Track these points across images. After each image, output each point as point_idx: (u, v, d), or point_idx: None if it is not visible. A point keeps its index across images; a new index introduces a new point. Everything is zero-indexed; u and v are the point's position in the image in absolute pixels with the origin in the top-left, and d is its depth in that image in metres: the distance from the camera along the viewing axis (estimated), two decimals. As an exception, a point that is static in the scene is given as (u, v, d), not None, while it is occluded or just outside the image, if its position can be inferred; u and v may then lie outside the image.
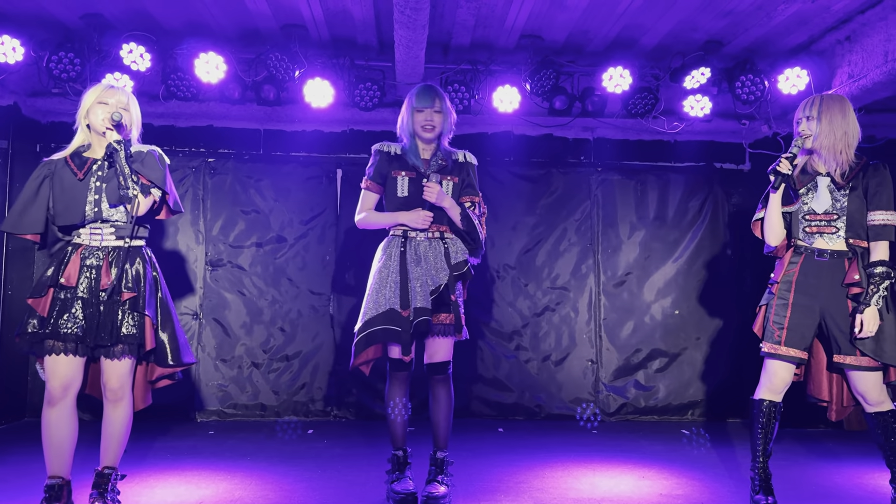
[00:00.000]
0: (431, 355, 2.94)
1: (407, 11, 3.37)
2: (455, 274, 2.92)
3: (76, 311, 2.53)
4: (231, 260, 4.82)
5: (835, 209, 2.74)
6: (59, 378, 2.51)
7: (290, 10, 3.99)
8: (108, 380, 2.58)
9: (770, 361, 2.79)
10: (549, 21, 4.12)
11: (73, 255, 2.58)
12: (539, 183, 5.03)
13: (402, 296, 2.84)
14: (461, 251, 2.97)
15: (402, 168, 2.99)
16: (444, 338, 2.92)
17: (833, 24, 4.08)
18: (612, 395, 4.91)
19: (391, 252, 2.94)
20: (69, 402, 2.54)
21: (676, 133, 4.86)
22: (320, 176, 4.91)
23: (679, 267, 5.00)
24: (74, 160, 2.63)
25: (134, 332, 2.55)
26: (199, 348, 4.73)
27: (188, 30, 4.23)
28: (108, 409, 2.62)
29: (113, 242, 2.61)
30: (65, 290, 2.54)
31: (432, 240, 2.97)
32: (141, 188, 2.58)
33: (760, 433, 2.75)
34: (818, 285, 2.72)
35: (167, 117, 4.71)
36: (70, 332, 2.51)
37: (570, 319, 4.96)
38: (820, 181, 2.79)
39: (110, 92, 2.64)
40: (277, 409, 4.74)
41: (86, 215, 2.58)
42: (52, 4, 3.90)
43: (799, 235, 2.78)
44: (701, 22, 4.07)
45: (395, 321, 2.81)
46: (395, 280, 2.87)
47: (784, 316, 2.75)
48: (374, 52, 4.54)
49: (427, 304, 2.81)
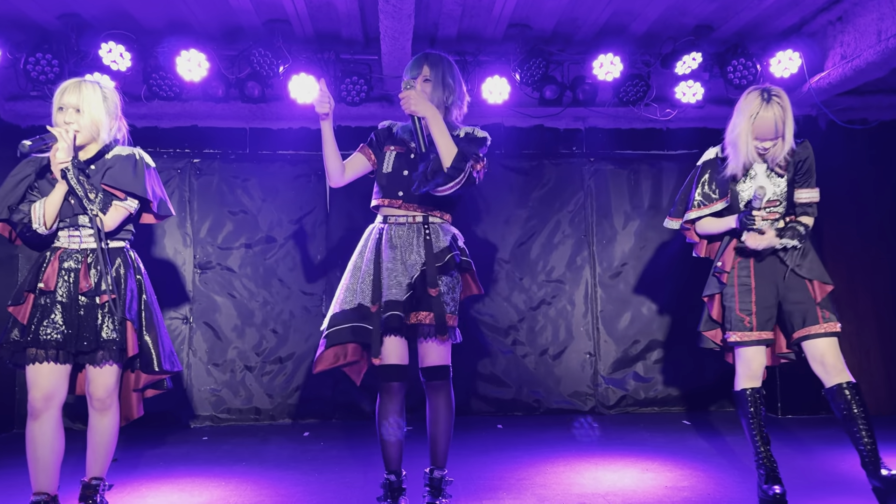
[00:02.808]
0: (423, 359, 2.58)
1: (392, 1, 3.29)
2: (438, 265, 2.51)
3: (55, 316, 2.43)
4: (220, 262, 4.73)
5: (776, 195, 2.77)
6: (40, 389, 2.41)
7: (272, 5, 3.90)
8: (94, 388, 2.49)
9: (744, 350, 2.79)
10: (537, 9, 4.05)
11: (52, 259, 2.49)
12: (531, 175, 4.96)
13: (373, 289, 2.49)
14: (445, 237, 2.58)
15: (393, 143, 2.70)
16: (430, 340, 2.55)
17: (824, 5, 4.04)
18: (611, 387, 4.85)
19: (368, 241, 2.63)
20: (53, 415, 2.43)
21: (669, 120, 4.79)
22: (309, 174, 4.83)
23: (675, 256, 4.94)
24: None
25: (115, 336, 2.45)
26: (190, 353, 4.64)
27: (169, 28, 4.14)
28: (93, 419, 2.53)
29: (92, 244, 2.51)
30: (44, 295, 2.45)
31: (412, 224, 2.59)
32: (102, 203, 2.45)
33: (753, 423, 2.74)
34: (773, 268, 2.76)
35: (150, 118, 4.60)
36: (50, 338, 2.41)
37: (566, 312, 4.90)
38: (757, 168, 2.81)
39: (65, 94, 2.47)
40: (272, 412, 4.66)
41: (64, 214, 2.49)
42: (27, 5, 3.80)
43: None
44: (691, 6, 4.01)
45: (365, 318, 2.46)
46: (368, 271, 2.53)
47: (750, 301, 2.75)
48: (359, 46, 4.45)
49: (400, 296, 2.44)
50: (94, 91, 2.51)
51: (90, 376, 2.49)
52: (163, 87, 4.25)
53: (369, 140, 2.79)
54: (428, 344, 2.56)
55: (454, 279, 2.61)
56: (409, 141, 2.66)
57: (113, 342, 2.45)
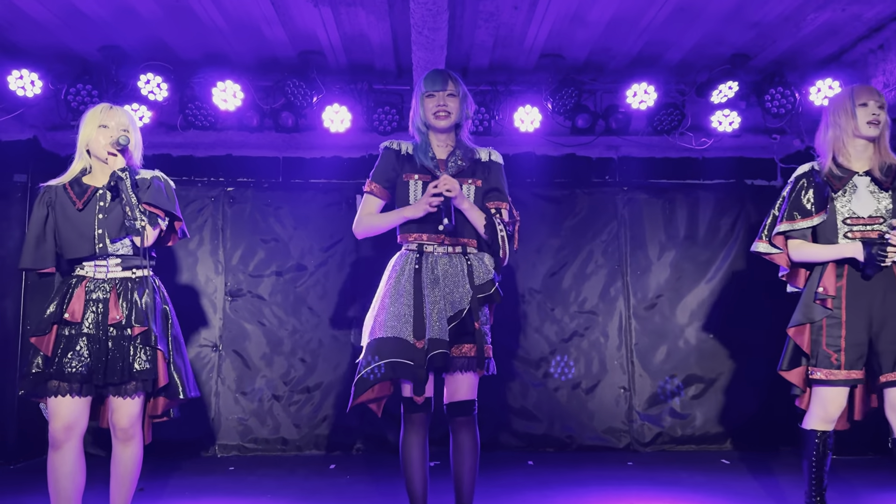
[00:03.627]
0: (452, 393, 2.48)
1: (425, 32, 3.30)
2: (480, 297, 2.46)
3: (81, 348, 2.39)
4: (251, 289, 4.74)
5: (879, 212, 2.52)
6: (61, 419, 2.37)
7: (307, 36, 3.95)
8: (119, 419, 2.44)
9: (825, 390, 2.52)
10: (570, 39, 4.03)
11: (77, 289, 2.43)
12: (563, 204, 4.90)
13: (416, 323, 2.39)
14: (487, 269, 2.52)
15: (414, 170, 2.54)
16: (465, 373, 2.46)
17: (864, 33, 3.95)
18: (646, 423, 4.70)
19: (403, 270, 2.50)
20: (74, 445, 2.40)
21: (704, 149, 4.71)
22: (340, 202, 4.83)
23: (712, 288, 4.81)
24: (74, 188, 2.49)
25: (147, 367, 2.41)
26: (218, 381, 4.62)
27: (205, 60, 4.21)
28: (117, 449, 2.49)
29: (119, 274, 2.48)
30: (69, 326, 2.41)
31: (452, 255, 2.51)
32: (149, 218, 2.45)
33: (815, 468, 2.52)
34: (870, 298, 2.49)
35: (185, 147, 4.68)
36: (75, 371, 2.36)
37: (599, 345, 4.78)
38: (858, 181, 2.57)
39: (110, 113, 2.48)
40: (299, 442, 4.61)
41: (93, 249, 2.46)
42: (70, 38, 3.91)
43: (839, 241, 2.55)
44: (727, 35, 3.96)
45: (407, 353, 2.36)
46: (408, 304, 2.42)
47: (839, 336, 2.50)
48: (392, 77, 4.48)
49: (444, 334, 2.37)
50: (132, 116, 2.57)
51: (115, 406, 2.44)
52: (199, 116, 4.32)
53: (376, 176, 2.62)
54: (463, 377, 2.47)
55: (490, 310, 2.58)
56: (433, 168, 2.56)
57: (146, 373, 2.41)
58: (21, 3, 3.48)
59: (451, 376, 2.49)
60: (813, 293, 2.56)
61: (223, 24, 3.77)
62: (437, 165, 2.56)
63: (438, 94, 2.52)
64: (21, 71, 3.94)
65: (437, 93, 2.52)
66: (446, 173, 2.52)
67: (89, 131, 2.47)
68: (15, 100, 4.02)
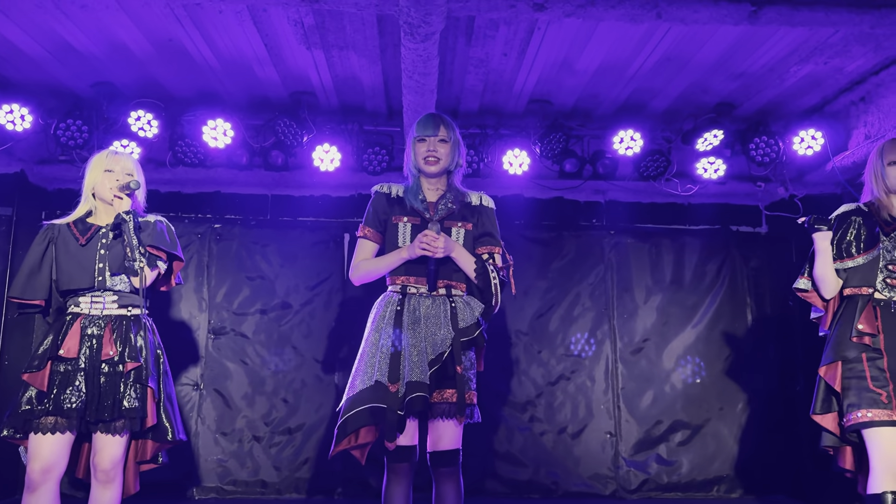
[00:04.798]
0: (435, 442, 2.41)
1: (415, 77, 3.34)
2: (463, 340, 2.40)
3: (80, 383, 2.39)
4: (234, 328, 4.68)
5: None
6: (41, 460, 2.34)
7: (299, 77, 3.99)
8: (101, 460, 2.41)
9: (879, 431, 2.27)
10: (558, 86, 4.10)
11: (73, 325, 2.46)
12: (551, 246, 4.91)
13: (391, 365, 2.34)
14: (472, 312, 2.47)
15: (404, 213, 2.54)
16: (448, 420, 2.38)
17: (846, 86, 4.05)
18: (632, 470, 4.64)
19: (385, 312, 2.47)
20: (50, 488, 2.36)
21: (690, 195, 4.76)
22: (327, 240, 4.82)
23: (699, 333, 4.81)
24: (77, 226, 2.57)
25: (136, 405, 2.41)
26: (198, 421, 4.53)
27: (197, 97, 4.24)
28: (96, 491, 2.45)
29: (115, 311, 2.51)
30: (65, 362, 2.42)
31: (436, 297, 2.48)
32: (148, 260, 2.50)
33: None
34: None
35: (174, 184, 4.66)
36: (73, 406, 2.36)
37: (586, 388, 4.74)
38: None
39: (115, 158, 2.59)
40: (278, 486, 4.50)
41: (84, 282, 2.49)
42: (63, 74, 3.92)
43: (876, 286, 2.50)
44: (712, 84, 4.04)
45: (381, 398, 2.29)
46: (387, 345, 2.38)
47: (883, 372, 2.36)
48: (382, 118, 4.53)
49: (424, 377, 2.30)
50: (136, 161, 2.67)
51: (98, 446, 2.42)
52: (188, 153, 4.32)
53: (370, 220, 2.61)
54: (445, 424, 2.40)
55: (478, 356, 2.53)
56: (422, 211, 2.55)
57: (135, 411, 2.41)
58: (14, 39, 3.50)
59: (433, 423, 2.43)
60: (846, 331, 2.48)
61: (215, 64, 3.81)
62: (426, 208, 2.55)
63: (429, 139, 2.53)
64: (11, 105, 3.94)
65: (428, 138, 2.53)
66: (436, 216, 2.53)
67: (95, 175, 2.57)
68: (4, 133, 4.01)
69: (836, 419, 2.47)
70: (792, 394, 4.72)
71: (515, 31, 3.45)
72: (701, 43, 3.54)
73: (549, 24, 3.31)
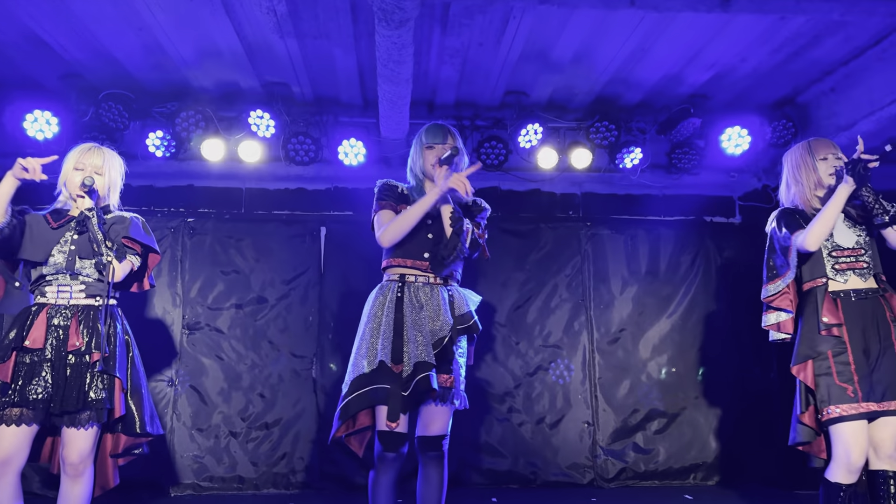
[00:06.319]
0: (426, 426, 2.47)
1: (390, 65, 3.32)
2: (460, 327, 2.50)
3: (45, 374, 2.35)
4: (209, 323, 4.62)
5: (860, 244, 2.56)
6: (1, 451, 2.30)
7: (272, 68, 3.94)
8: (69, 453, 2.37)
9: (845, 427, 2.33)
10: (534, 78, 4.11)
11: (39, 316, 2.41)
12: (528, 238, 4.92)
13: (394, 347, 2.39)
14: (467, 301, 2.58)
15: (408, 204, 2.61)
16: (442, 405, 2.45)
17: (817, 77, 4.10)
18: (610, 459, 4.67)
19: (385, 298, 2.50)
20: (11, 481, 2.32)
21: (665, 187, 4.80)
22: (303, 234, 4.78)
23: (674, 322, 4.86)
24: (53, 215, 2.56)
25: (103, 395, 2.37)
26: (174, 417, 4.47)
27: (170, 91, 4.17)
28: (66, 486, 2.40)
29: (83, 301, 2.47)
30: (30, 353, 2.37)
31: (434, 285, 2.55)
32: (116, 252, 2.47)
33: None
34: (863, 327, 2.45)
35: (146, 177, 4.59)
36: (39, 397, 2.32)
37: (563, 379, 4.76)
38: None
39: (87, 155, 2.56)
40: (256, 481, 4.45)
41: (57, 262, 2.45)
42: (34, 68, 3.83)
43: (827, 273, 2.55)
44: (686, 76, 4.07)
45: (384, 379, 2.35)
46: (388, 331, 2.42)
47: (848, 365, 2.39)
48: (358, 110, 4.50)
49: (430, 357, 2.36)
50: (114, 157, 2.63)
51: (66, 439, 2.38)
52: (160, 147, 4.25)
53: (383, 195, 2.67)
54: (438, 409, 2.47)
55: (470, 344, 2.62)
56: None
57: (101, 402, 2.36)
58: None
59: (426, 407, 2.48)
60: (812, 326, 2.50)
61: (188, 55, 3.75)
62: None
63: (438, 146, 2.63)
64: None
65: (437, 145, 2.63)
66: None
67: (66, 170, 2.56)
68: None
69: (814, 413, 2.51)
70: (766, 381, 4.79)
71: (491, 20, 3.44)
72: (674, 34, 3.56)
73: (524, 11, 3.31)
